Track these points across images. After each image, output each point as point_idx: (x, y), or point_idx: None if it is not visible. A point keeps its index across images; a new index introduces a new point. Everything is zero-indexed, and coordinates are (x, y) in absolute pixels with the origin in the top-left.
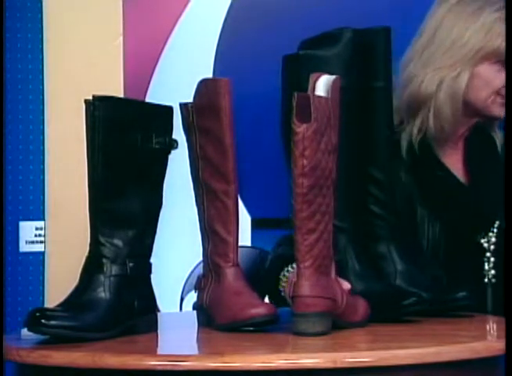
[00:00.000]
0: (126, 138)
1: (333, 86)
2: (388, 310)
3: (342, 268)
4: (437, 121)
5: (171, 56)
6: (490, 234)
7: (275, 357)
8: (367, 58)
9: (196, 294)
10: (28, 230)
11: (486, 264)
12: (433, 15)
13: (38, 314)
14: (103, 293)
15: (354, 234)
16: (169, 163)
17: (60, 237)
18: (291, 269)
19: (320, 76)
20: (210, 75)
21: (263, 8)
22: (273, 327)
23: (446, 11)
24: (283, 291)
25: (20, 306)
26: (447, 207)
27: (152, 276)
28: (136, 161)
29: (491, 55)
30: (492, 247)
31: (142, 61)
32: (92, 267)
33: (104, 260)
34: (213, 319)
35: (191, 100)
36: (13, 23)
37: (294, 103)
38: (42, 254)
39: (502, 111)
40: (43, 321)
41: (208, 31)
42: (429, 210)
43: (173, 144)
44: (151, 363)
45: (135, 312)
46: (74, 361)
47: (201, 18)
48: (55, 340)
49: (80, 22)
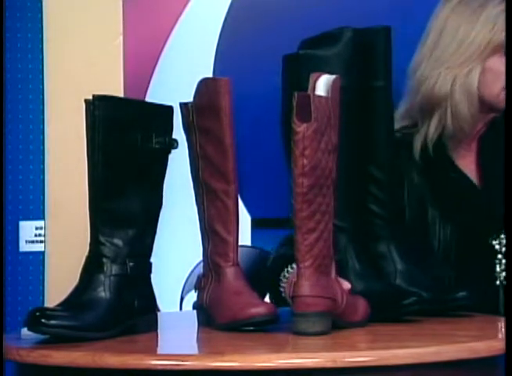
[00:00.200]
0: (126, 137)
1: (333, 86)
2: (388, 310)
3: (342, 267)
4: (455, 120)
5: (171, 56)
6: (502, 236)
7: (275, 357)
8: (367, 58)
9: (196, 293)
10: (28, 230)
11: (498, 266)
12: (436, 16)
13: (38, 314)
14: (103, 292)
15: (354, 234)
16: (169, 163)
17: (60, 237)
18: (291, 270)
19: (320, 76)
20: (210, 75)
21: (263, 8)
22: (273, 327)
23: (449, 11)
24: (284, 292)
25: (20, 306)
26: (459, 208)
27: (152, 275)
28: (136, 161)
29: (499, 47)
30: (504, 249)
31: (142, 61)
32: (92, 267)
33: (104, 260)
34: (213, 318)
35: (191, 100)
36: (13, 23)
37: (294, 103)
38: (42, 253)
39: None
40: (43, 321)
41: (208, 31)
42: (441, 211)
43: (173, 144)
44: (151, 363)
45: (135, 311)
46: (74, 361)
47: (201, 18)
48: (55, 339)
49: (80, 22)
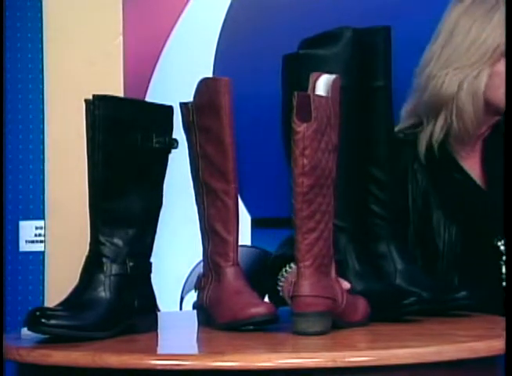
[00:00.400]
0: (126, 137)
1: (333, 86)
2: (388, 310)
3: (342, 267)
4: (460, 121)
5: (171, 56)
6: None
7: (275, 357)
8: (367, 57)
9: (196, 293)
10: (28, 230)
11: (503, 267)
12: (448, 16)
13: (38, 313)
14: (103, 292)
15: (354, 234)
16: (169, 162)
17: (60, 237)
18: (289, 269)
19: (320, 75)
20: (210, 75)
21: (263, 8)
22: (273, 327)
23: (462, 11)
24: (281, 291)
25: (20, 305)
26: (464, 209)
27: (152, 275)
28: (136, 161)
29: None
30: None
31: (142, 61)
32: (92, 266)
33: (104, 259)
34: (213, 318)
35: (191, 100)
36: (13, 23)
37: (295, 103)
38: (42, 253)
39: None
40: (43, 320)
41: (208, 31)
42: (445, 212)
43: (173, 143)
44: (151, 363)
45: (135, 311)
46: (74, 360)
47: (201, 18)
48: (55, 339)
49: (80, 22)
